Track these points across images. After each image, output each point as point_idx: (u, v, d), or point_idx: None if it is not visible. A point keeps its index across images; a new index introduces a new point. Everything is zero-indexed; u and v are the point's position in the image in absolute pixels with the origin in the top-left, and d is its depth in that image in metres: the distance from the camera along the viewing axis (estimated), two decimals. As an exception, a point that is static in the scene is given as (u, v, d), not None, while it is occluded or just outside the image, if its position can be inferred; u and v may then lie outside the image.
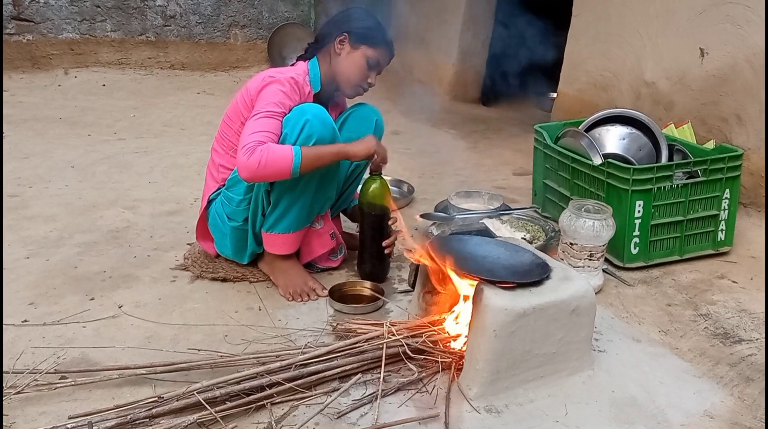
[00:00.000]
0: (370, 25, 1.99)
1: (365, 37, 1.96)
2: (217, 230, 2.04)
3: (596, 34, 3.44)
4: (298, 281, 2.00)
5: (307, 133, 1.80)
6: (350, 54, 1.97)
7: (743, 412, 1.49)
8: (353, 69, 1.98)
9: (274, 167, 1.75)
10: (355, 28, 1.97)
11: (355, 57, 1.97)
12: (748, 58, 2.58)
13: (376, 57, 1.98)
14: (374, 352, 1.56)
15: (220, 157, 2.02)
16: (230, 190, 1.97)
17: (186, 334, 1.78)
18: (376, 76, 2.03)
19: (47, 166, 3.20)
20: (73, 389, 1.51)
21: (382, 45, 1.99)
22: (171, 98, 4.74)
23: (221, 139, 2.02)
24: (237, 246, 2.03)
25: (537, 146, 2.62)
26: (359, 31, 1.96)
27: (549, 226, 2.41)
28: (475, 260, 1.63)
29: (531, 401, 1.50)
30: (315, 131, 1.81)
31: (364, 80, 2.01)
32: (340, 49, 1.98)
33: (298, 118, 1.81)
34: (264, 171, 1.76)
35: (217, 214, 2.01)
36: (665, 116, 2.90)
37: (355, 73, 1.99)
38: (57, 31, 5.18)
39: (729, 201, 2.23)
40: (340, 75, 2.00)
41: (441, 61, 5.06)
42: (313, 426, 1.41)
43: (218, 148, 2.04)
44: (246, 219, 1.97)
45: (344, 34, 1.97)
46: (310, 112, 1.83)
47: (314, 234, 2.06)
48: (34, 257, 2.23)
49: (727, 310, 1.95)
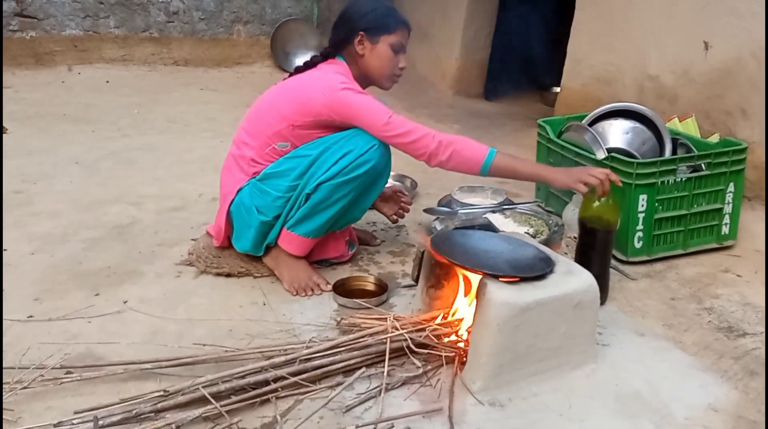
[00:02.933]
0: (379, 13, 1.97)
1: (380, 27, 1.96)
2: (240, 220, 2.00)
3: (599, 28, 3.42)
4: (302, 276, 2.00)
5: (367, 157, 1.88)
6: (374, 50, 1.97)
7: (747, 406, 1.49)
8: (383, 62, 1.99)
9: (463, 159, 1.86)
10: (367, 23, 1.95)
11: (380, 51, 1.97)
12: (753, 52, 2.57)
13: (398, 40, 1.98)
14: (378, 346, 1.56)
15: (252, 151, 1.98)
16: (266, 183, 1.94)
17: (191, 329, 1.79)
18: (405, 57, 2.04)
19: (52, 162, 3.21)
20: (78, 384, 1.52)
21: (399, 26, 1.99)
22: (174, 94, 4.75)
23: (257, 133, 1.98)
24: (258, 239, 2.00)
25: (540, 141, 2.61)
26: (371, 24, 1.95)
27: (552, 220, 2.40)
28: (478, 255, 1.63)
29: (535, 395, 1.50)
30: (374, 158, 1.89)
31: (395, 67, 2.02)
32: (362, 49, 1.97)
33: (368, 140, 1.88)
34: (452, 160, 1.86)
35: (244, 205, 1.97)
36: (669, 110, 2.89)
37: (387, 66, 1.99)
38: (60, 28, 5.18)
39: (733, 195, 2.22)
40: (373, 71, 2.01)
41: (444, 56, 5.05)
42: (318, 420, 1.41)
43: (251, 142, 1.99)
44: (277, 216, 1.95)
45: (359, 34, 1.95)
46: (378, 140, 1.89)
47: (331, 236, 2.08)
48: (39, 253, 2.24)
49: (731, 303, 1.95)
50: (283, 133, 1.93)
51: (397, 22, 1.99)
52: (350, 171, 1.87)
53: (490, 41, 4.91)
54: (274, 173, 1.94)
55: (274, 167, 1.95)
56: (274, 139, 1.94)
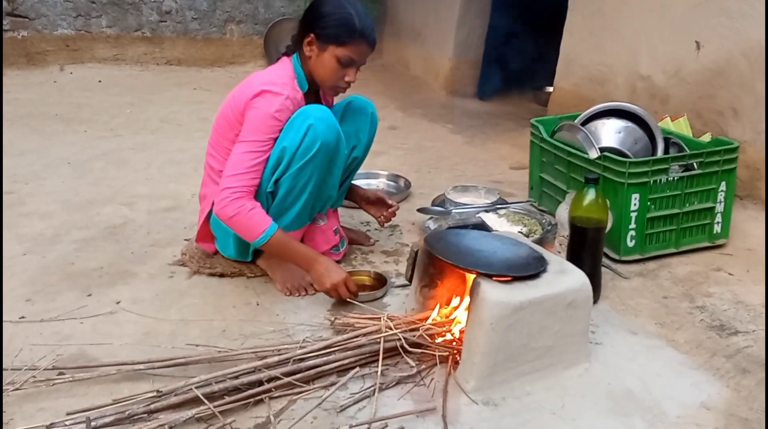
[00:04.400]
0: (334, 20, 1.83)
1: (332, 36, 1.84)
2: (220, 230, 2.01)
3: (591, 28, 3.44)
4: (295, 276, 1.99)
5: (312, 138, 1.79)
6: (320, 56, 1.87)
7: (739, 404, 1.50)
8: (325, 71, 1.88)
9: (240, 230, 1.83)
10: (319, 27, 1.85)
11: (324, 59, 1.87)
12: (743, 51, 2.58)
13: (347, 55, 1.85)
14: (372, 346, 1.56)
15: (218, 164, 1.96)
16: None
17: (184, 329, 1.78)
18: (356, 72, 1.91)
19: (43, 162, 3.19)
20: (71, 385, 1.51)
21: (353, 41, 1.84)
22: (167, 94, 4.73)
23: (217, 145, 1.97)
24: (241, 245, 1.99)
25: (533, 140, 2.62)
26: (324, 30, 1.84)
27: (545, 219, 2.41)
28: (471, 254, 1.63)
29: (528, 394, 1.51)
30: (319, 135, 1.80)
31: (340, 80, 1.90)
32: (309, 51, 1.88)
33: (302, 123, 1.80)
34: (231, 225, 1.84)
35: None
36: (661, 109, 2.90)
37: (328, 75, 1.89)
38: (52, 27, 5.16)
39: (725, 193, 2.23)
40: (316, 76, 1.92)
41: (437, 56, 5.06)
42: (311, 420, 1.41)
43: (215, 154, 1.98)
44: None
45: (310, 35, 1.86)
46: (313, 116, 1.80)
47: (318, 230, 2.08)
48: (31, 254, 2.23)
49: (723, 302, 1.96)
50: (236, 140, 1.89)
51: (352, 35, 1.83)
52: (301, 156, 1.81)
53: (483, 41, 4.92)
54: None
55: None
56: (230, 148, 1.90)
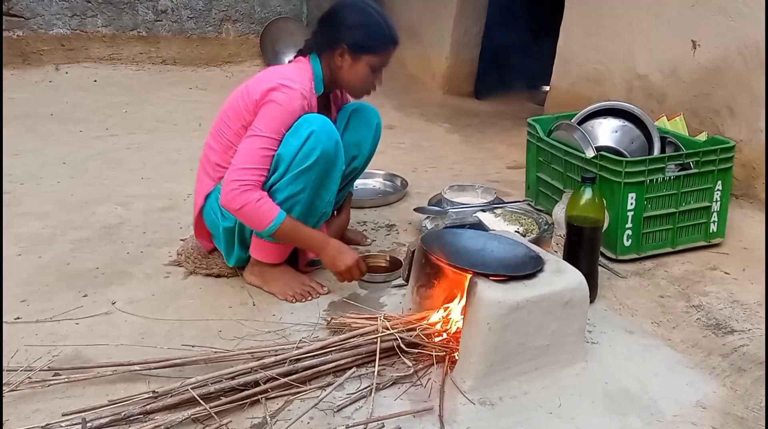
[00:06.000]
0: (368, 31, 1.87)
1: (366, 47, 1.87)
2: (213, 226, 2.01)
3: (588, 27, 3.44)
4: (293, 283, 1.97)
5: (311, 146, 1.79)
6: (353, 66, 1.89)
7: (735, 403, 1.50)
8: (358, 79, 1.92)
9: (249, 221, 1.83)
10: (352, 39, 1.86)
11: (358, 69, 1.90)
12: (739, 50, 2.59)
13: (380, 61, 1.91)
14: (369, 346, 1.56)
15: (216, 155, 1.96)
16: None
17: (180, 330, 1.78)
18: (382, 75, 1.97)
19: (39, 162, 3.18)
20: (66, 386, 1.51)
21: (384, 47, 1.90)
22: (163, 94, 4.72)
23: (218, 136, 1.95)
24: (228, 245, 1.99)
25: (530, 139, 2.62)
26: (358, 42, 1.86)
27: (542, 219, 2.41)
28: (468, 254, 1.63)
29: (525, 393, 1.51)
30: (319, 144, 1.79)
31: (371, 85, 1.96)
32: (341, 61, 1.89)
33: (304, 130, 1.79)
34: (239, 217, 1.84)
35: (213, 210, 1.98)
36: (657, 109, 2.91)
37: (360, 83, 1.94)
38: (47, 27, 5.14)
39: (721, 193, 2.23)
40: (346, 84, 1.95)
41: (434, 55, 5.06)
42: (308, 420, 1.41)
43: (215, 146, 1.97)
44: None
45: (342, 47, 1.87)
46: (316, 123, 1.80)
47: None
48: (27, 254, 2.22)
49: (719, 301, 1.96)
50: (241, 134, 1.89)
51: (386, 42, 1.89)
52: (299, 163, 1.79)
53: (479, 40, 4.92)
54: None
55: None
56: (235, 141, 1.90)
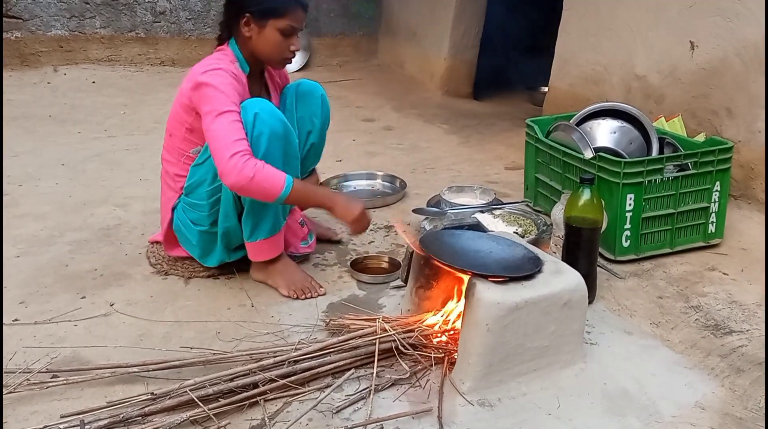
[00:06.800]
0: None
1: (267, 11, 1.82)
2: (182, 237, 2.00)
3: (587, 28, 3.44)
4: (297, 278, 1.98)
5: (259, 130, 1.75)
6: (261, 34, 1.85)
7: (734, 403, 1.50)
8: (270, 46, 1.86)
9: (262, 190, 1.70)
10: (252, 5, 1.82)
11: (267, 35, 1.84)
12: (737, 51, 2.59)
13: (288, 24, 1.84)
14: (367, 347, 1.56)
15: (173, 167, 1.95)
16: (191, 196, 1.92)
17: (178, 331, 1.77)
18: (298, 38, 1.89)
19: (37, 164, 3.18)
20: (65, 388, 1.50)
21: (288, 9, 1.83)
22: (161, 95, 4.71)
23: (170, 147, 1.95)
24: (205, 249, 1.98)
25: (528, 140, 2.62)
26: (258, 7, 1.82)
27: (541, 219, 2.41)
28: (467, 255, 1.63)
29: (524, 394, 1.51)
30: (266, 126, 1.76)
31: (286, 51, 1.89)
32: (248, 31, 1.85)
33: (246, 115, 1.75)
34: (251, 190, 1.70)
35: (181, 221, 1.97)
36: (656, 109, 2.91)
37: (273, 49, 1.87)
38: (46, 28, 5.14)
39: (719, 193, 2.23)
40: (260, 54, 1.89)
41: (433, 56, 5.06)
42: (307, 422, 1.41)
43: (169, 157, 1.96)
44: (214, 222, 1.92)
45: (245, 15, 1.83)
46: (257, 106, 1.77)
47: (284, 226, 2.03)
48: (25, 256, 2.22)
49: (717, 301, 1.96)
50: (188, 138, 1.88)
51: (287, 3, 1.83)
52: (254, 149, 1.74)
53: (478, 41, 4.92)
54: (193, 184, 1.90)
55: (189, 178, 1.91)
56: (185, 147, 1.89)
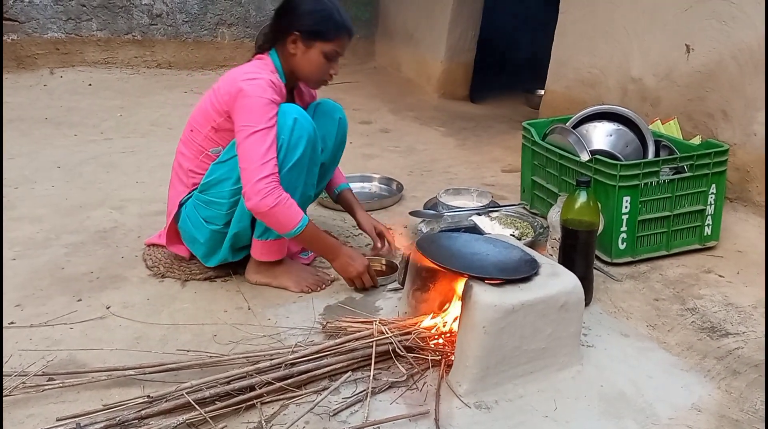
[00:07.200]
0: (320, 17, 1.86)
1: (317, 33, 1.86)
2: (187, 234, 1.99)
3: (583, 31, 3.45)
4: (305, 275, 2.00)
5: (298, 134, 1.81)
6: (306, 53, 1.89)
7: (730, 405, 1.50)
8: (312, 68, 1.91)
9: (277, 220, 1.78)
10: (304, 26, 1.86)
11: (311, 56, 1.89)
12: (733, 54, 2.60)
13: (333, 49, 1.89)
14: (364, 350, 1.56)
15: (189, 162, 1.95)
16: (208, 193, 1.91)
17: (175, 334, 1.77)
18: (338, 63, 1.95)
19: (33, 166, 3.17)
20: (60, 391, 1.50)
21: (337, 35, 1.88)
22: (158, 97, 4.71)
23: (189, 142, 1.95)
24: (211, 249, 1.98)
25: (525, 143, 2.62)
26: (309, 28, 1.86)
27: (537, 222, 2.41)
28: (464, 257, 1.63)
29: (521, 397, 1.51)
30: (305, 131, 1.82)
31: (325, 74, 1.94)
32: (294, 49, 1.89)
33: (286, 119, 1.80)
34: (268, 218, 1.78)
35: (189, 218, 1.96)
36: (652, 112, 2.92)
37: (315, 71, 1.92)
38: (42, 31, 5.13)
39: (715, 196, 2.24)
40: (301, 73, 1.94)
41: (429, 59, 5.07)
42: (303, 424, 1.41)
43: (186, 152, 1.96)
44: (228, 222, 1.92)
45: (294, 34, 1.86)
46: (296, 112, 1.82)
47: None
48: (21, 258, 2.21)
49: (713, 304, 1.96)
50: (212, 137, 1.89)
51: (338, 29, 1.88)
52: (292, 153, 1.81)
53: (475, 44, 4.93)
54: (212, 181, 1.89)
55: (208, 175, 1.90)
56: (206, 145, 1.90)
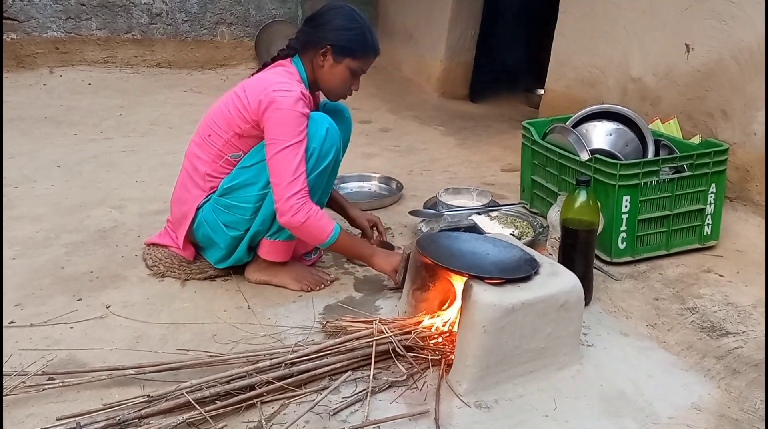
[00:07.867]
0: (353, 36, 1.90)
1: (348, 50, 1.90)
2: (204, 238, 1.99)
3: (583, 30, 3.45)
4: (304, 273, 2.02)
5: (330, 142, 1.87)
6: (333, 67, 1.92)
7: (730, 405, 1.50)
8: (337, 82, 1.95)
9: (310, 234, 1.84)
10: (337, 41, 1.89)
11: (338, 70, 1.92)
12: (733, 54, 2.60)
13: (359, 66, 1.94)
14: (364, 349, 1.56)
15: (205, 166, 1.94)
16: (229, 197, 1.90)
17: (175, 333, 1.77)
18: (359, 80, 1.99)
19: (33, 166, 3.17)
20: (60, 390, 1.50)
21: (366, 54, 1.94)
22: (158, 97, 4.71)
23: (206, 145, 1.93)
24: (228, 253, 1.98)
25: (525, 142, 2.62)
26: (342, 44, 1.89)
27: (537, 221, 2.42)
28: (463, 256, 1.63)
29: (520, 396, 1.51)
30: (335, 140, 1.88)
31: (348, 89, 1.99)
32: (323, 61, 1.91)
33: (318, 129, 1.85)
34: (301, 232, 1.83)
35: (207, 222, 1.94)
36: (652, 112, 2.92)
37: (339, 85, 1.96)
38: (42, 30, 5.13)
39: (715, 195, 2.24)
40: (324, 84, 1.97)
41: (429, 58, 5.07)
42: (304, 424, 1.41)
43: (203, 156, 1.94)
44: (248, 228, 1.92)
45: (326, 47, 1.89)
46: (327, 121, 1.87)
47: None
48: (21, 258, 2.21)
49: (713, 303, 1.96)
50: (233, 142, 1.89)
51: (367, 49, 1.93)
52: (323, 158, 1.87)
53: (474, 43, 4.93)
54: (236, 186, 1.89)
55: (231, 180, 1.90)
56: (227, 150, 1.90)
